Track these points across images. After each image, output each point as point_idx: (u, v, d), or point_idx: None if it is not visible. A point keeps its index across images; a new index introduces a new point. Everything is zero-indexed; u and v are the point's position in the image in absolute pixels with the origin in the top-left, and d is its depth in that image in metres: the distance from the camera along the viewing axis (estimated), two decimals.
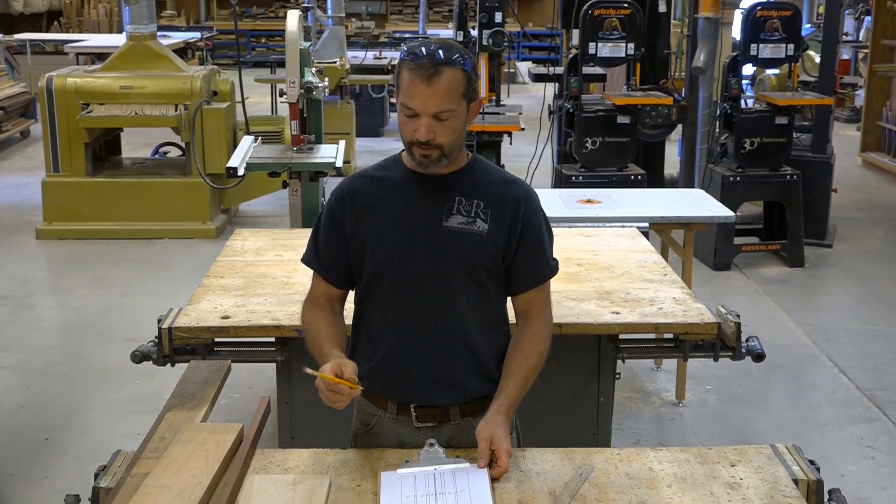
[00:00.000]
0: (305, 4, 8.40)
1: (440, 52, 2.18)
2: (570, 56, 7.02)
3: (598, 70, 7.59)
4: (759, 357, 3.27)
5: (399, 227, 2.30)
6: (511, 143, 7.08)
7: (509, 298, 2.44)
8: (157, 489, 2.05)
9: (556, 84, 7.28)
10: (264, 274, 3.67)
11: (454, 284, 2.30)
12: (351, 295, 2.48)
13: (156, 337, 3.18)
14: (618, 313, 3.30)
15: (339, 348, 2.32)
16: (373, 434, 2.44)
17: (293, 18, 5.05)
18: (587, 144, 6.66)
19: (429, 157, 2.23)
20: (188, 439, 2.24)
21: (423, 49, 2.19)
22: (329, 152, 5.19)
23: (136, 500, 2.01)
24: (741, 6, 7.66)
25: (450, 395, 2.36)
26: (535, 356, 2.34)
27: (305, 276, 2.57)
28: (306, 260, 2.46)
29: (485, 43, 6.54)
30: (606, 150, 6.68)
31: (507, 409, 2.26)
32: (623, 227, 4.51)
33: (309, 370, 2.17)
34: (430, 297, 2.31)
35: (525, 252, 2.34)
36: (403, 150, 2.36)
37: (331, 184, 4.39)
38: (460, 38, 8.36)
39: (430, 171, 2.28)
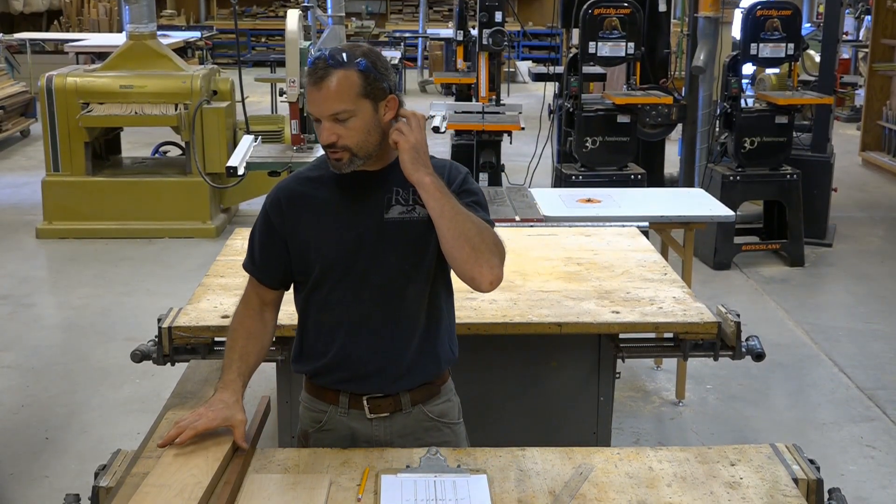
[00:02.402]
0: (305, 4, 8.37)
1: (333, 55, 2.21)
2: (570, 55, 7.02)
3: (598, 69, 7.59)
4: (758, 356, 3.27)
5: (342, 226, 2.32)
6: (511, 143, 7.07)
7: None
8: (156, 488, 2.04)
9: (556, 83, 7.27)
10: None
11: (402, 274, 2.32)
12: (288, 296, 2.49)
13: (156, 336, 3.18)
14: (618, 312, 3.30)
15: (244, 376, 2.37)
16: (325, 431, 2.45)
17: (293, 18, 5.05)
18: (587, 144, 6.66)
19: (340, 159, 2.26)
20: (187, 446, 2.23)
21: (320, 56, 2.23)
22: None
23: (135, 500, 2.01)
24: (741, 5, 7.66)
25: (403, 382, 2.39)
26: (477, 218, 2.25)
27: None
28: (244, 265, 2.49)
29: (485, 42, 6.53)
30: (606, 149, 6.68)
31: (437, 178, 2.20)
32: (623, 226, 4.50)
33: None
34: (380, 289, 2.33)
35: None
36: None
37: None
38: (460, 38, 8.39)
39: (346, 171, 2.28)
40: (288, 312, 3.20)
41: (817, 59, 8.52)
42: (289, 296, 2.47)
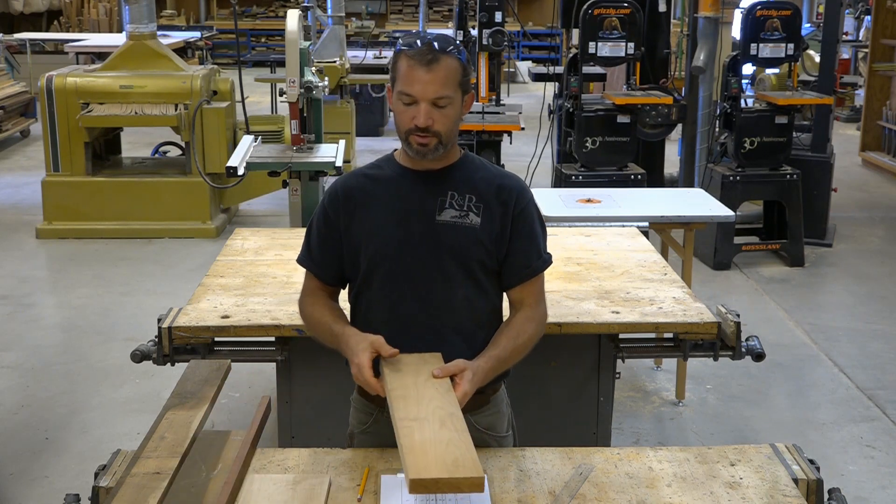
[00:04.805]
0: (305, 4, 8.40)
1: (436, 42, 2.25)
2: (570, 55, 7.02)
3: (597, 69, 7.60)
4: (758, 356, 3.27)
5: (393, 222, 2.33)
6: (511, 143, 7.07)
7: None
8: (417, 423, 2.05)
9: (556, 83, 7.27)
10: (264, 273, 3.67)
11: (449, 277, 2.32)
12: (344, 294, 2.50)
13: (156, 336, 3.19)
14: (618, 312, 3.30)
15: (349, 325, 2.36)
16: (369, 433, 2.45)
17: (293, 18, 5.05)
18: (587, 144, 6.66)
19: (427, 145, 2.27)
20: (402, 372, 2.22)
21: (419, 40, 2.25)
22: (329, 152, 5.19)
23: (405, 436, 2.01)
24: (741, 5, 7.65)
25: None
26: (525, 336, 2.36)
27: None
28: (300, 260, 2.50)
29: (485, 42, 6.53)
30: (606, 149, 6.68)
31: (487, 368, 2.27)
32: (623, 226, 4.51)
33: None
34: (425, 290, 2.33)
35: (517, 246, 2.36)
36: (396, 150, 2.41)
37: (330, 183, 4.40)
38: (460, 38, 8.38)
39: (426, 160, 2.30)
40: (288, 313, 3.22)
41: (817, 59, 8.51)
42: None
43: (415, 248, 2.31)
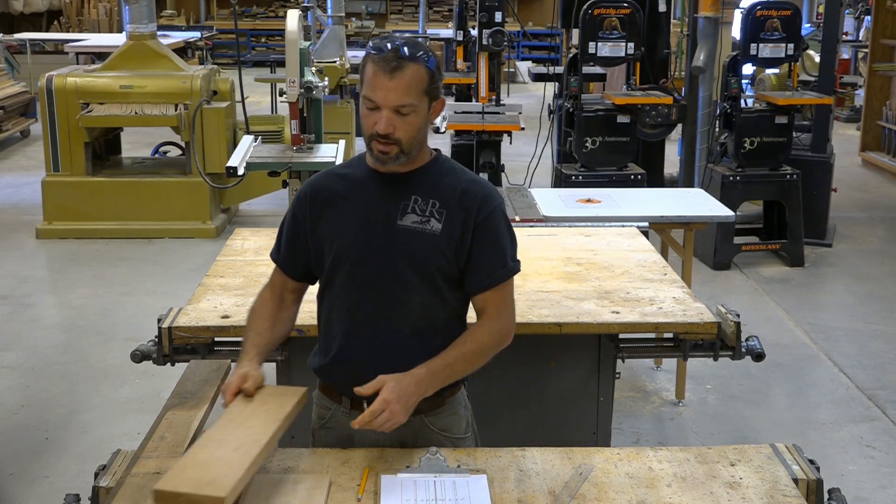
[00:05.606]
0: (305, 4, 8.39)
1: (405, 48, 2.22)
2: (570, 55, 7.02)
3: (597, 69, 7.60)
4: (758, 356, 3.27)
5: (355, 224, 2.33)
6: (511, 143, 7.07)
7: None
8: (215, 442, 2.06)
9: (556, 83, 7.27)
10: (264, 273, 3.65)
11: (407, 282, 2.32)
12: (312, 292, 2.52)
13: (156, 336, 3.19)
14: (618, 313, 3.30)
15: (260, 348, 2.38)
16: (328, 428, 2.46)
17: (293, 18, 5.05)
18: (587, 144, 6.66)
19: (387, 153, 2.26)
20: (252, 398, 2.25)
21: (389, 44, 2.23)
22: (329, 152, 5.20)
23: (193, 451, 2.04)
24: (741, 5, 7.66)
25: None
26: (473, 343, 2.34)
27: None
28: (271, 254, 2.53)
29: (485, 42, 6.53)
30: (606, 149, 6.68)
31: (422, 373, 2.25)
32: (623, 226, 4.50)
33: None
34: (384, 293, 2.33)
35: (478, 254, 2.33)
36: None
37: None
38: (460, 38, 8.39)
39: (388, 167, 2.30)
40: None
41: (817, 59, 8.51)
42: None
43: (375, 252, 2.31)
